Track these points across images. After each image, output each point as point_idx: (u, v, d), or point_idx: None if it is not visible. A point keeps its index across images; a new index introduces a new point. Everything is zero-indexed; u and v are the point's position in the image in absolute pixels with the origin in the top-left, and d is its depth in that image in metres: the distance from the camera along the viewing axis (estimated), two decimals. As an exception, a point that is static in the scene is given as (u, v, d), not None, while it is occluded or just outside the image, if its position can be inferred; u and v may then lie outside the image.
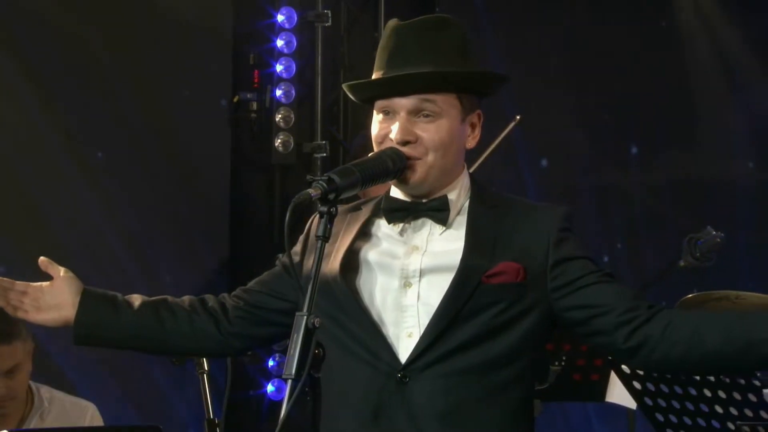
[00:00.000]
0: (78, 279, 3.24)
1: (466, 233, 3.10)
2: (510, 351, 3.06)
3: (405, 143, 3.07)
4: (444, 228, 3.12)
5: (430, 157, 3.08)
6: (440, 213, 3.11)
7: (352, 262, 3.11)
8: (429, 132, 3.07)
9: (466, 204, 3.15)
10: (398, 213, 3.13)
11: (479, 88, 3.14)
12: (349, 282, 3.09)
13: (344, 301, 3.08)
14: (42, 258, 3.24)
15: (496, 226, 3.11)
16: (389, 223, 3.14)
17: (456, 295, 3.04)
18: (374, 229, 3.16)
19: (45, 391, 4.63)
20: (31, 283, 3.24)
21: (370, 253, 3.12)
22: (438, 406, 3.01)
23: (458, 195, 3.14)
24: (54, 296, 3.21)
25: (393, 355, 3.03)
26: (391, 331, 3.05)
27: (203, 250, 6.26)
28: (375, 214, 3.18)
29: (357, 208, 3.22)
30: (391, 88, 3.10)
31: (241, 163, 6.37)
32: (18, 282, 3.22)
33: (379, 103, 3.12)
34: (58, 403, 4.62)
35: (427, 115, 3.08)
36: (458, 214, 3.14)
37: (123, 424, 4.64)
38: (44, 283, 3.23)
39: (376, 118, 3.13)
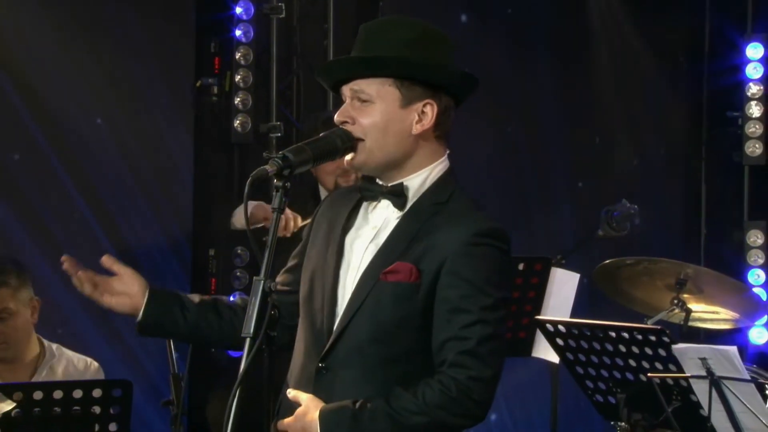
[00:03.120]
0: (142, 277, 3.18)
1: (393, 228, 3.06)
2: (411, 348, 3.01)
3: (343, 123, 3.06)
4: (401, 212, 3.07)
5: (368, 141, 3.04)
6: (397, 198, 3.06)
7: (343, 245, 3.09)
8: (362, 115, 3.04)
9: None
10: (368, 192, 3.11)
11: (417, 76, 3.05)
12: (336, 266, 3.07)
13: (327, 284, 3.07)
14: (106, 257, 3.18)
15: (422, 223, 3.04)
16: (364, 200, 3.12)
17: (358, 292, 3.02)
18: (362, 211, 3.13)
19: (55, 347, 4.68)
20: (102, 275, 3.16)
21: (352, 235, 3.10)
22: (343, 397, 2.98)
23: (420, 185, 3.08)
24: (123, 285, 3.16)
25: (323, 344, 3.03)
26: (336, 319, 3.04)
27: (169, 221, 6.23)
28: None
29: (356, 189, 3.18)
30: (328, 75, 3.11)
31: (204, 142, 6.35)
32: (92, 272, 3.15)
33: (342, 95, 3.12)
34: (66, 357, 4.66)
35: (362, 101, 3.05)
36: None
37: (97, 379, 4.61)
38: (114, 276, 3.17)
39: None
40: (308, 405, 2.98)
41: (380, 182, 3.11)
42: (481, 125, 6.69)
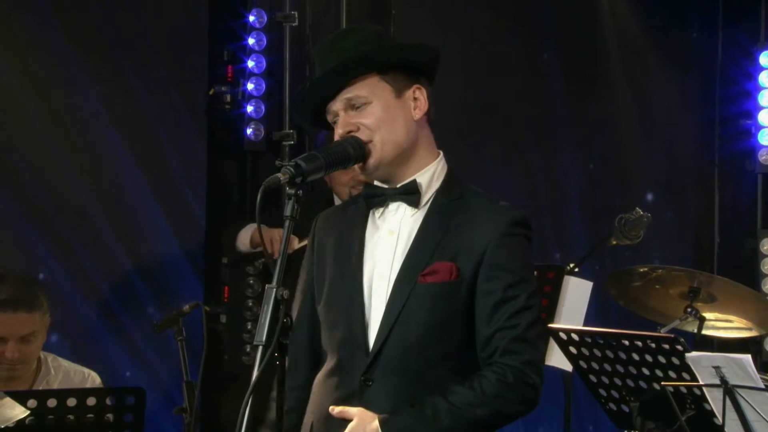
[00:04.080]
0: None
1: (418, 230, 3.05)
2: (454, 348, 3.01)
3: (349, 133, 3.05)
4: (416, 210, 3.07)
5: (377, 137, 3.04)
6: (411, 196, 3.07)
7: (361, 257, 3.08)
8: (366, 117, 3.04)
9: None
10: (376, 198, 3.10)
11: (396, 62, 3.07)
12: (358, 278, 3.07)
13: (353, 296, 3.06)
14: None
15: (448, 221, 3.05)
16: (369, 208, 3.11)
17: (394, 299, 3.01)
18: (370, 220, 3.12)
19: (52, 359, 4.61)
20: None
21: (370, 248, 3.09)
22: (392, 406, 2.97)
23: (430, 180, 3.09)
24: None
25: (362, 358, 3.02)
26: (371, 330, 3.04)
27: (181, 229, 6.23)
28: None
29: (356, 201, 3.18)
30: (316, 95, 3.10)
31: (217, 149, 6.35)
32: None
33: (329, 120, 3.11)
34: (63, 371, 4.59)
35: (359, 106, 3.05)
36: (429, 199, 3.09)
37: (110, 387, 4.60)
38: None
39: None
40: (362, 417, 2.97)
41: (383, 186, 3.10)
42: (489, 123, 6.68)
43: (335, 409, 3.01)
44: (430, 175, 3.09)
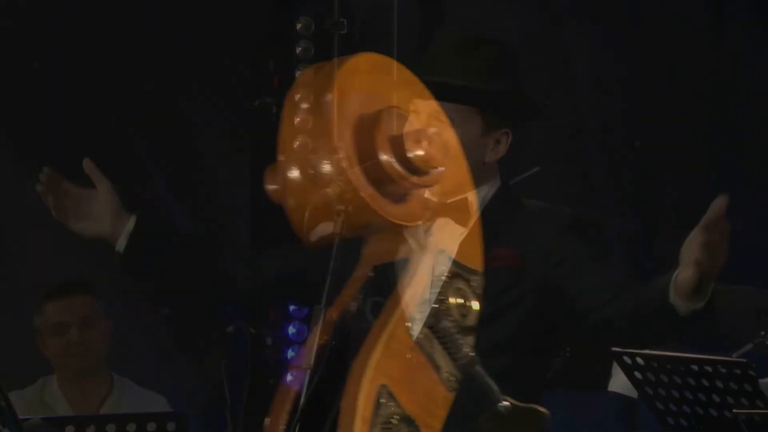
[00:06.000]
0: (117, 197, 3.03)
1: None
2: (506, 338, 3.01)
3: None
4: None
5: None
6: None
7: None
8: None
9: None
10: None
11: (502, 110, 3.08)
12: None
13: None
14: (87, 160, 3.03)
15: (503, 219, 3.06)
16: None
17: None
18: None
19: (125, 382, 4.91)
20: (74, 186, 3.03)
21: None
22: None
23: (484, 196, 3.09)
24: (92, 207, 3.04)
25: None
26: None
27: (225, 245, 6.25)
28: None
29: None
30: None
31: (262, 161, 6.36)
32: (65, 180, 3.02)
33: None
34: (134, 392, 4.87)
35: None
36: None
37: (151, 411, 4.64)
38: (85, 191, 3.03)
39: None
40: None
41: None
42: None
43: None
44: (484, 193, 3.10)
